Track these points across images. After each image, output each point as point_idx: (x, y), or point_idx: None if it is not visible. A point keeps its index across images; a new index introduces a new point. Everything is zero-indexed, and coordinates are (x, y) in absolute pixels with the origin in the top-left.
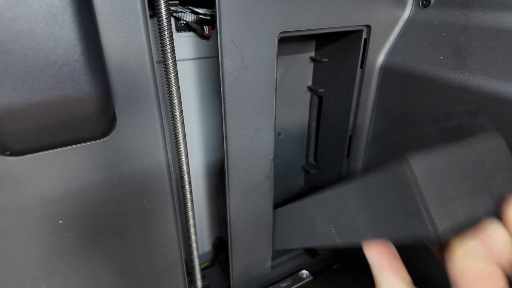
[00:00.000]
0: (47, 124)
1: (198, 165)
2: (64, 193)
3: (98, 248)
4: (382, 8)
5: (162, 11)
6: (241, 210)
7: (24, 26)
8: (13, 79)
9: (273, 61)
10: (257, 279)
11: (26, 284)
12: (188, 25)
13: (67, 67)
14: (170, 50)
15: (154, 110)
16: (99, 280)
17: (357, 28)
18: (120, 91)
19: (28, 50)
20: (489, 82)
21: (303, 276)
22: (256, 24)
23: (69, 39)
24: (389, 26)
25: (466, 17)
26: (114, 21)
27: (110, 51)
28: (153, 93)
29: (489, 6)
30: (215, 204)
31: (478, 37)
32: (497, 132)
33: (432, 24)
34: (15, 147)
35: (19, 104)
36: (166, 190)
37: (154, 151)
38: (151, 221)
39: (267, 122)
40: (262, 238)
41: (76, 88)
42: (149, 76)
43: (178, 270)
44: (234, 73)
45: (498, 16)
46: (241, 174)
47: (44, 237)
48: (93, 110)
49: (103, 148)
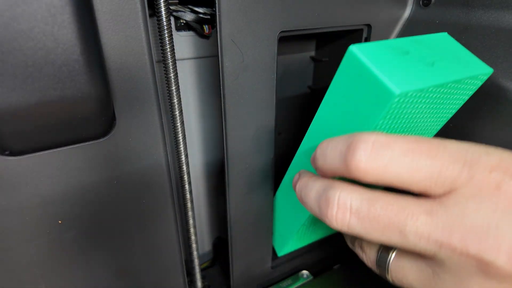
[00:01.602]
0: (47, 124)
1: (198, 165)
2: (63, 193)
3: (97, 248)
4: (383, 7)
5: (162, 10)
6: (241, 210)
7: (23, 26)
8: (12, 78)
9: (273, 61)
10: (257, 279)
11: (26, 284)
12: (187, 24)
13: (67, 66)
14: (170, 49)
15: (154, 110)
16: (99, 280)
17: (358, 27)
18: (120, 91)
19: (27, 49)
20: (489, 81)
21: (303, 276)
22: (256, 23)
23: (68, 39)
24: (390, 25)
25: (466, 16)
26: (113, 21)
27: (110, 50)
28: (153, 93)
29: (490, 5)
30: (215, 204)
31: (478, 36)
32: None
33: (433, 23)
34: (14, 147)
35: (18, 104)
36: (166, 190)
37: (153, 151)
38: (151, 221)
39: (267, 122)
40: (262, 238)
41: (75, 87)
42: (148, 76)
43: (178, 270)
44: (234, 72)
45: (499, 15)
46: (241, 174)
47: (43, 237)
48: (92, 109)
49: (102, 148)
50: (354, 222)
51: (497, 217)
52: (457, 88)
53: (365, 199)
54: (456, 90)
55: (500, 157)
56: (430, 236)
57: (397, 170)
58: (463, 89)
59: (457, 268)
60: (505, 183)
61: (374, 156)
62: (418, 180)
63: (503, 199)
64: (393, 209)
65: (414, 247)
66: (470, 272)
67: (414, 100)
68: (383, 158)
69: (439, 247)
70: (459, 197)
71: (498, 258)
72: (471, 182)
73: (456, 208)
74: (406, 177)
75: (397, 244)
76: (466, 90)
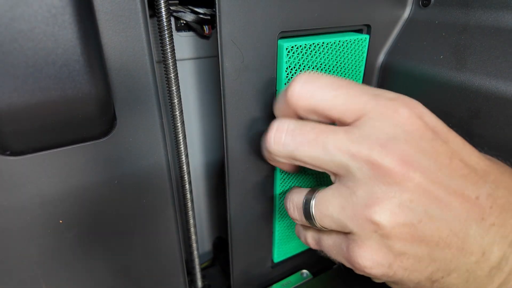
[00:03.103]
0: (47, 124)
1: (198, 165)
2: (64, 193)
3: (98, 248)
4: (382, 8)
5: (162, 10)
6: (241, 210)
7: (24, 26)
8: (13, 79)
9: (273, 61)
10: (257, 279)
11: (26, 284)
12: (188, 24)
13: (67, 67)
14: (170, 49)
15: (154, 110)
16: (99, 279)
17: (357, 27)
18: (120, 91)
19: (28, 50)
20: (489, 81)
21: (303, 276)
22: (256, 24)
23: (69, 39)
24: (389, 25)
25: (466, 16)
26: (114, 21)
27: (110, 50)
28: (153, 93)
29: (489, 5)
30: (215, 204)
31: (478, 37)
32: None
33: (432, 23)
34: (15, 147)
35: (19, 104)
36: (166, 189)
37: (154, 151)
38: (151, 221)
39: (267, 122)
40: (262, 238)
41: (76, 88)
42: (149, 76)
43: (178, 269)
44: (234, 73)
45: (499, 15)
46: (241, 174)
47: (44, 237)
48: (93, 110)
49: (103, 148)
50: (288, 139)
51: (395, 131)
52: (338, 50)
53: (299, 123)
54: (340, 52)
55: (398, 94)
56: (346, 148)
57: (321, 96)
58: (346, 52)
59: (367, 178)
60: (400, 107)
61: (305, 86)
62: (336, 105)
63: (400, 118)
64: (320, 128)
65: (332, 159)
66: (376, 180)
67: (305, 54)
68: (311, 87)
69: (352, 157)
70: (368, 119)
71: (392, 161)
72: (376, 108)
73: (366, 127)
74: (327, 103)
75: (320, 156)
76: (350, 53)
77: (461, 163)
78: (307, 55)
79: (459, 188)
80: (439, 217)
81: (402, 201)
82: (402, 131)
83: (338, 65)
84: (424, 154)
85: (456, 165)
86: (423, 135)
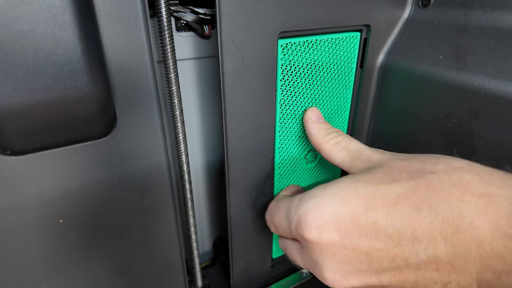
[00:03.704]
0: (48, 124)
1: (198, 164)
2: (64, 192)
3: (98, 248)
4: (382, 8)
5: (162, 11)
6: (241, 209)
7: (24, 26)
8: (13, 79)
9: (273, 61)
10: (257, 278)
11: (26, 284)
12: (188, 24)
13: (68, 67)
14: (170, 49)
15: (155, 110)
16: (99, 279)
17: (357, 27)
18: (121, 91)
19: (28, 50)
20: (489, 81)
21: (303, 275)
22: (256, 24)
23: (69, 39)
24: (389, 25)
25: (465, 16)
26: (114, 21)
27: (111, 51)
28: (154, 93)
29: (489, 5)
30: (215, 204)
31: (478, 37)
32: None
33: (432, 23)
34: (16, 147)
35: (20, 104)
36: (166, 189)
37: (154, 151)
38: (151, 221)
39: (267, 122)
40: (262, 238)
41: (76, 88)
42: (149, 76)
43: (178, 269)
44: (234, 73)
45: (498, 15)
46: (241, 174)
47: (44, 237)
48: (93, 109)
49: (103, 147)
50: (272, 229)
51: (318, 255)
52: (331, 47)
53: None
54: (333, 49)
55: (315, 220)
56: (297, 259)
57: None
58: (339, 49)
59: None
60: (316, 238)
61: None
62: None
63: (321, 246)
64: (285, 242)
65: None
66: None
67: (299, 51)
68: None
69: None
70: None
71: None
72: (301, 239)
73: (306, 250)
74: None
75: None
76: (343, 50)
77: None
78: (301, 52)
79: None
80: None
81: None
82: (322, 255)
83: (331, 62)
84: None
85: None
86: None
